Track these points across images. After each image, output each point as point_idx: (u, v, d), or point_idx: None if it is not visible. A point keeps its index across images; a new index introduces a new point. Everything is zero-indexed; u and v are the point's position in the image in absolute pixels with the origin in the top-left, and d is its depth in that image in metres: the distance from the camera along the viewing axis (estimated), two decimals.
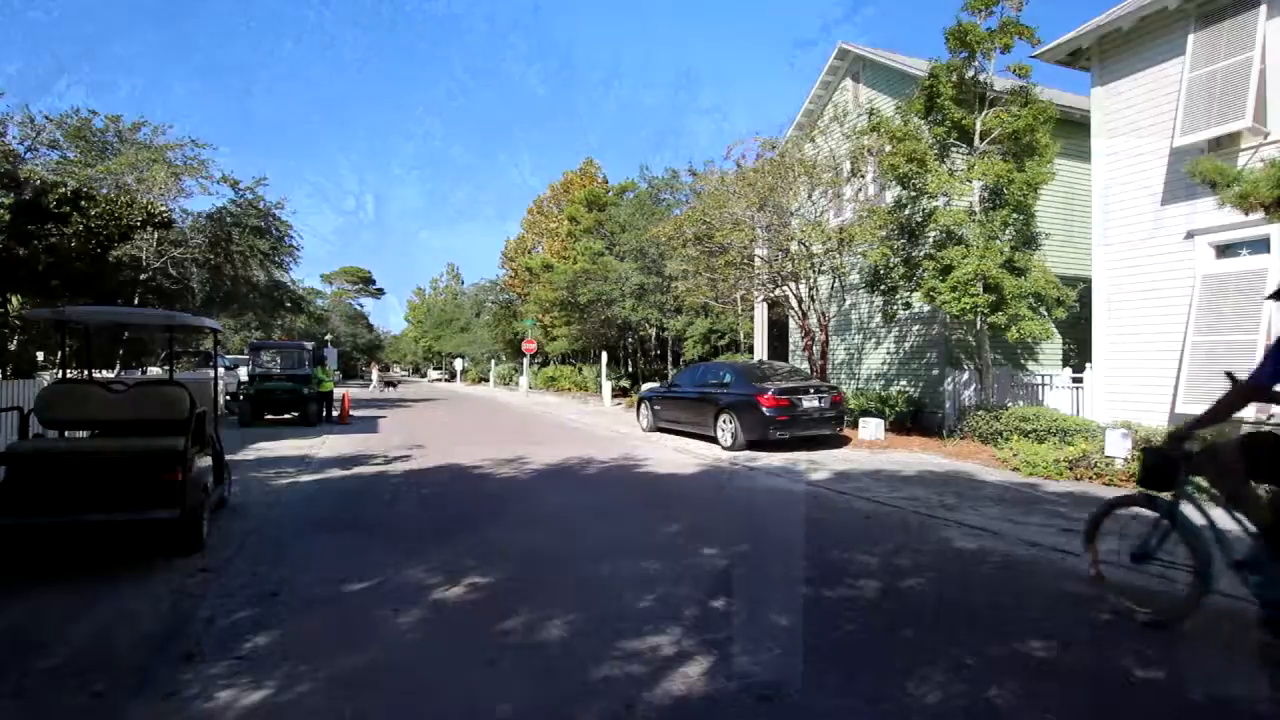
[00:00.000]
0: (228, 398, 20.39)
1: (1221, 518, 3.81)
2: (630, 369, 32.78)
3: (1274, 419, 8.55)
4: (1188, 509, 3.96)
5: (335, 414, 18.96)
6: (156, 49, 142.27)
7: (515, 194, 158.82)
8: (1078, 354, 13.81)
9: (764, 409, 11.21)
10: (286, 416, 17.88)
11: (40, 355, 19.42)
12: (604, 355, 28.36)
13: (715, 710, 3.02)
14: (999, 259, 10.79)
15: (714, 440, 12.23)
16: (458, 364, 57.02)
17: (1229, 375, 3.90)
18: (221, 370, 18.33)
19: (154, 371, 19.70)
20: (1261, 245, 8.88)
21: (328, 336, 55.19)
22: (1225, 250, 9.38)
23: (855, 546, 5.70)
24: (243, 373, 20.41)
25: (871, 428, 12.70)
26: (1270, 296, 3.98)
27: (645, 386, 20.08)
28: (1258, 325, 8.56)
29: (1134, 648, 3.64)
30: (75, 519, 4.94)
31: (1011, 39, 11.21)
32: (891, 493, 7.98)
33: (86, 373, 8.25)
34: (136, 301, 19.78)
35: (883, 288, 12.98)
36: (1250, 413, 8.56)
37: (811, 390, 11.79)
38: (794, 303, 15.09)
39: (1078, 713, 2.99)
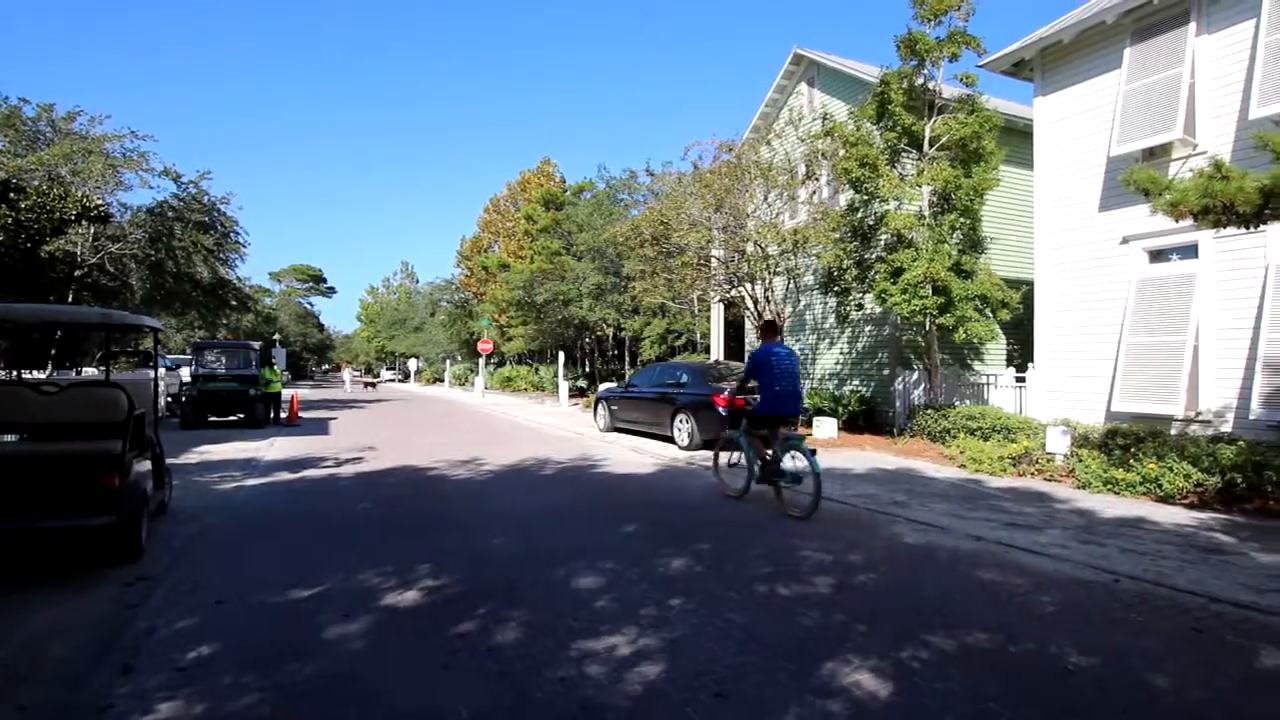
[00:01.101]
0: (169, 399, 19.67)
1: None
2: (587, 369, 32.70)
3: (1200, 416, 9.00)
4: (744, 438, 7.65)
5: (284, 416, 18.50)
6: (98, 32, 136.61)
7: (472, 192, 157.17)
8: (1021, 354, 14.28)
9: (720, 409, 11.30)
10: (232, 419, 17.39)
11: None
12: (561, 355, 28.24)
13: (672, 708, 3.03)
14: (947, 262, 11.09)
15: (671, 440, 12.28)
16: (412, 364, 56.06)
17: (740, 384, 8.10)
18: (162, 371, 17.68)
19: (89, 372, 18.86)
20: (1191, 251, 9.33)
21: (276, 336, 53.62)
22: (1158, 255, 9.82)
23: (810, 544, 5.80)
24: (185, 373, 19.72)
25: (825, 427, 12.92)
26: None
27: (602, 387, 20.04)
28: (1187, 327, 8.98)
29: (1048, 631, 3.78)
30: (4, 527, 4.70)
31: (959, 48, 11.54)
32: (844, 490, 8.13)
33: (15, 373, 7.87)
34: (70, 299, 18.91)
35: (836, 289, 13.21)
36: (1179, 411, 8.99)
37: None
38: (750, 303, 15.25)
39: (1018, 701, 3.10)
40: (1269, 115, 8.20)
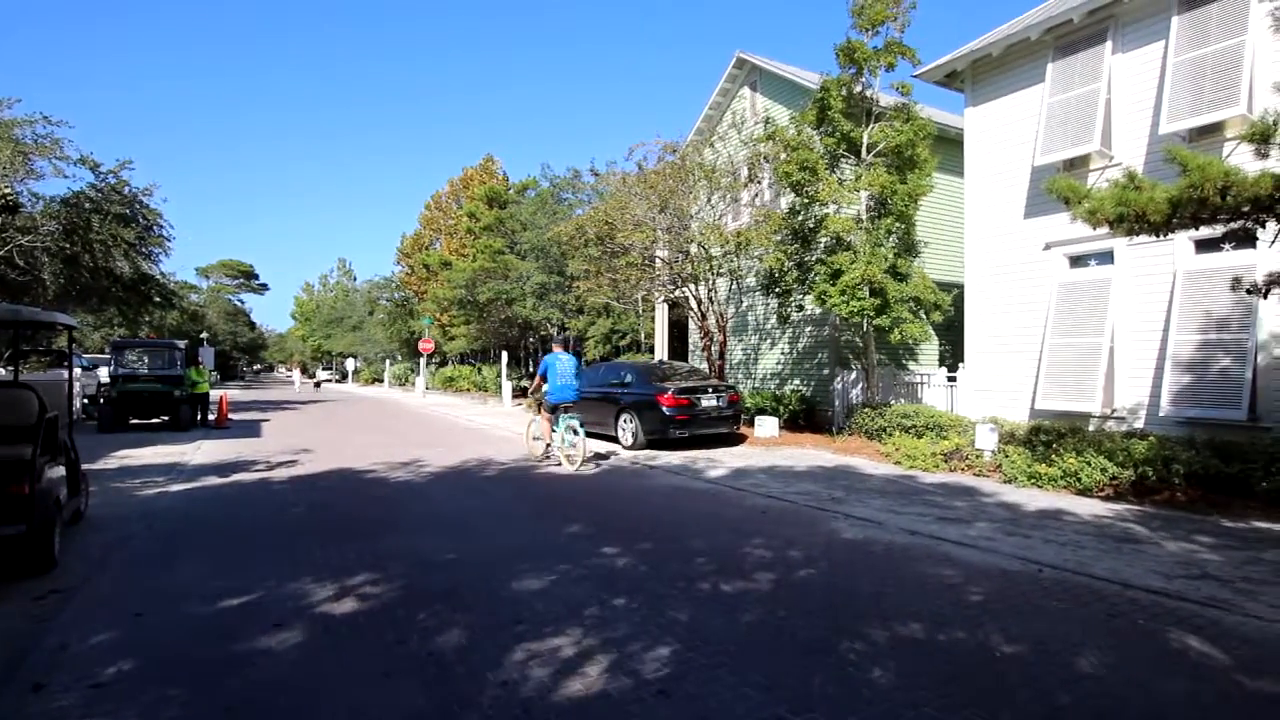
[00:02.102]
0: (85, 401, 18.63)
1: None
2: (531, 369, 32.39)
3: (1116, 413, 9.50)
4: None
5: (212, 418, 17.74)
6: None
7: (413, 189, 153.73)
8: (952, 354, 14.82)
9: (664, 408, 11.38)
10: (155, 421, 16.59)
11: None
12: (504, 355, 27.92)
13: (615, 708, 3.03)
14: (884, 265, 11.42)
15: (615, 439, 12.29)
16: (350, 364, 54.48)
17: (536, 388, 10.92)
18: (78, 371, 16.71)
19: None
20: (1107, 257, 9.85)
21: (203, 334, 51.30)
22: (1077, 261, 10.34)
23: (751, 541, 5.89)
24: (103, 373, 18.71)
25: (767, 426, 13.14)
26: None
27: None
28: (1104, 329, 9.48)
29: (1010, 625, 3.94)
30: None
31: (895, 58, 11.89)
32: (785, 488, 8.29)
33: None
34: None
35: (778, 290, 13.45)
36: (1097, 408, 9.47)
37: (710, 390, 12.06)
38: (694, 304, 15.39)
39: (950, 687, 3.21)
40: (1177, 130, 8.73)
